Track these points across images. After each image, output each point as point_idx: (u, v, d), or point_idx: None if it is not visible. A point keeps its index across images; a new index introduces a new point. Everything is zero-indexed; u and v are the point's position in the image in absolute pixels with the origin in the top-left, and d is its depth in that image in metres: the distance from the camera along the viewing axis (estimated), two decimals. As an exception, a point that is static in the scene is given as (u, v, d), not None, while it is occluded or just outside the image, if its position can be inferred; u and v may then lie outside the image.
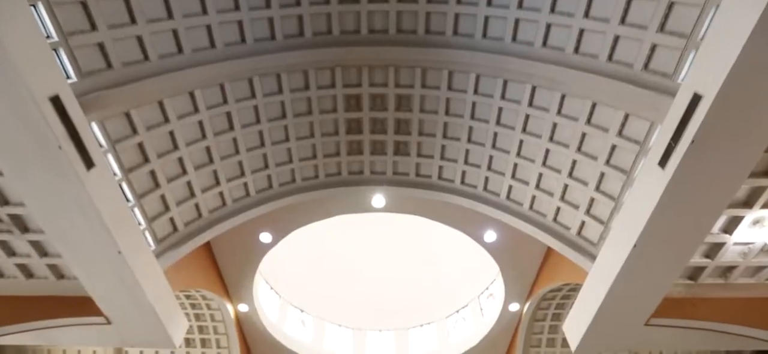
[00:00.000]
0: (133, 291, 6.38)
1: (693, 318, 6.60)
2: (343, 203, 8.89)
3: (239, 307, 11.12)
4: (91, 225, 5.30)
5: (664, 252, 5.65)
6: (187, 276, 8.67)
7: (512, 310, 11.04)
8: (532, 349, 11.59)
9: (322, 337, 13.13)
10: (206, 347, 11.75)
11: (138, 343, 7.44)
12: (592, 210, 6.91)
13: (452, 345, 12.65)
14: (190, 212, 7.38)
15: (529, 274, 10.24)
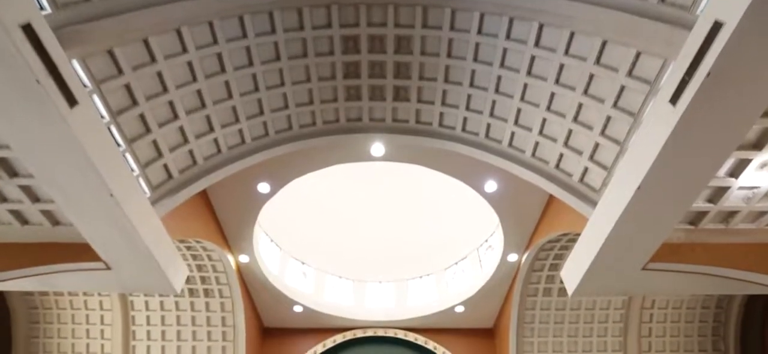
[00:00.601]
0: (130, 236, 6.32)
1: (691, 262, 6.58)
2: (341, 152, 8.70)
3: (240, 258, 11.21)
4: (80, 166, 5.13)
5: (667, 195, 5.52)
6: (186, 225, 8.64)
7: (511, 261, 11.14)
8: (529, 298, 11.80)
9: (322, 288, 13.38)
10: (209, 297, 11.97)
11: (139, 289, 7.52)
12: (596, 155, 6.73)
13: (451, 295, 12.90)
14: (184, 159, 7.21)
15: (528, 224, 10.22)
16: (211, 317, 12.21)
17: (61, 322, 12.58)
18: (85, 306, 12.41)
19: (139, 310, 12.31)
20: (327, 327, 13.29)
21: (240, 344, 12.17)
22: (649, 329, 12.46)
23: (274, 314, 13.08)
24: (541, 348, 12.32)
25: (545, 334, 12.26)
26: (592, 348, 12.40)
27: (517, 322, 11.99)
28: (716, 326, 12.49)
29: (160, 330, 12.39)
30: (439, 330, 13.32)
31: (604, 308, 12.17)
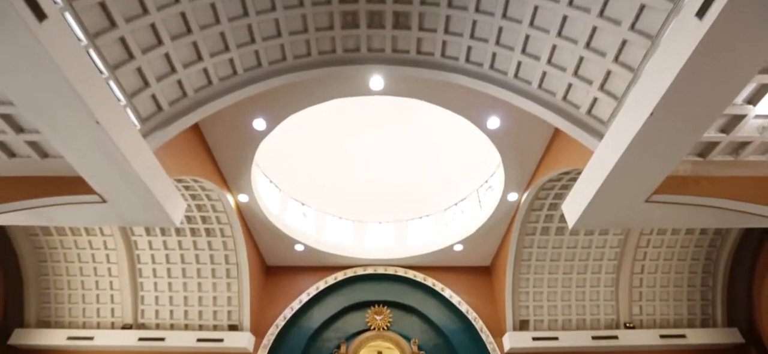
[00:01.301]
0: (123, 168, 6.09)
1: (696, 194, 6.41)
2: (338, 85, 8.25)
3: (239, 197, 11.11)
4: (59, 90, 4.78)
5: (680, 122, 5.21)
6: (182, 163, 8.39)
7: (510, 200, 11.04)
8: (527, 236, 11.85)
9: (323, 228, 13.43)
10: (211, 236, 12.02)
11: (138, 222, 7.40)
12: (607, 84, 6.34)
13: (450, 235, 12.97)
14: (173, 90, 6.81)
15: (529, 163, 9.99)
16: (215, 255, 12.35)
17: (67, 260, 12.75)
18: (90, 245, 12.52)
19: (143, 250, 12.44)
20: (328, 265, 13.50)
21: (244, 281, 12.40)
22: (642, 266, 12.65)
23: (276, 253, 13.23)
24: (536, 284, 12.58)
25: (541, 272, 12.47)
26: (586, 284, 12.66)
27: (513, 260, 12.14)
28: (707, 263, 12.67)
29: (166, 268, 12.58)
30: (438, 268, 13.54)
31: (600, 247, 12.28)
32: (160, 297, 12.78)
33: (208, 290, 12.63)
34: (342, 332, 12.92)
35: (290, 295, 13.24)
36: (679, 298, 12.88)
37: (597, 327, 12.69)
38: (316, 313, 13.07)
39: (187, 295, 12.73)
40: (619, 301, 12.77)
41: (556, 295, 12.66)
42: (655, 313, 12.87)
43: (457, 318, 13.05)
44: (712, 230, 12.13)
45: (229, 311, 12.68)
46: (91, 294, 12.92)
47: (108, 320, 13.00)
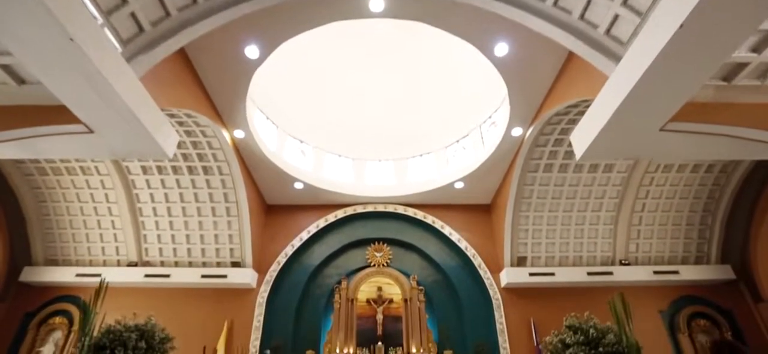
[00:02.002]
0: (106, 94, 5.66)
1: (715, 123, 6.03)
2: (335, 6, 7.56)
3: (235, 133, 10.72)
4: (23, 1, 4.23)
5: (713, 36, 4.71)
6: (171, 94, 7.91)
7: (514, 135, 10.67)
8: (529, 173, 11.63)
9: (322, 166, 13.18)
10: (209, 174, 11.79)
11: (129, 154, 7.08)
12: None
13: (451, 172, 12.75)
14: (154, 9, 6.19)
15: (537, 94, 9.49)
16: (214, 194, 12.20)
17: (67, 200, 12.62)
18: (88, 185, 12.32)
19: (142, 189, 12.26)
20: (328, 203, 13.41)
21: (244, 220, 12.36)
22: (643, 204, 12.56)
23: (276, 191, 13.08)
24: (535, 222, 12.55)
25: (541, 209, 12.40)
26: (585, 222, 12.64)
27: (514, 198, 12.01)
28: (708, 202, 12.57)
29: (166, 206, 12.49)
30: (438, 206, 13.48)
31: (603, 184, 12.11)
32: (163, 235, 12.81)
33: (210, 228, 12.63)
34: (342, 269, 13.12)
35: (291, 232, 13.28)
36: (676, 236, 12.93)
37: (593, 264, 12.85)
38: (317, 251, 13.19)
39: (189, 234, 12.75)
40: (617, 238, 12.83)
41: (555, 233, 12.69)
42: (651, 250, 12.99)
43: (455, 255, 13.19)
44: (718, 168, 11.89)
45: (232, 249, 12.77)
46: (94, 233, 12.93)
47: (114, 258, 13.12)
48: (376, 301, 12.59)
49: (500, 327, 12.07)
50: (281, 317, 12.37)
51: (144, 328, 2.52)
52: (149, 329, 2.50)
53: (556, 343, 2.53)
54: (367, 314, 12.46)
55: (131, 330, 2.45)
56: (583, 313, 12.01)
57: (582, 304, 12.75)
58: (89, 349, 2.29)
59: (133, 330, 2.46)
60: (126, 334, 2.43)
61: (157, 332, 2.56)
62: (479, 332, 12.06)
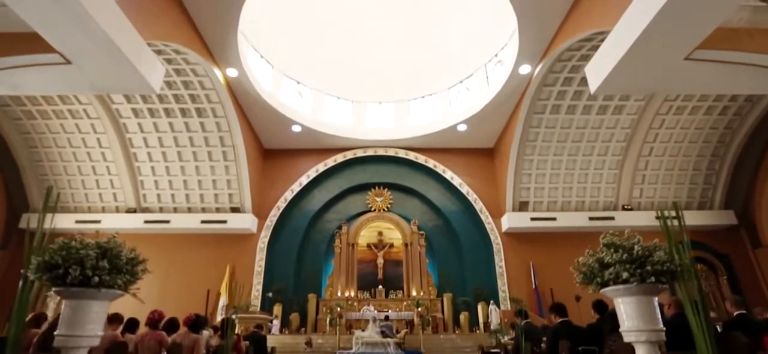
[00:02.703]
0: (79, 16, 5.12)
1: (747, 51, 5.53)
2: None
3: (228, 72, 10.16)
4: None
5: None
6: (156, 26, 7.29)
7: (522, 74, 10.11)
8: (536, 115, 11.20)
9: (320, 108, 12.70)
10: (203, 117, 11.35)
11: (111, 88, 6.63)
12: None
13: (453, 114, 12.30)
14: None
15: (549, 26, 8.83)
16: (209, 138, 11.83)
17: (58, 145, 12.26)
18: (78, 129, 11.90)
19: (135, 133, 11.86)
20: (327, 147, 13.09)
21: (242, 164, 12.08)
22: (650, 149, 12.23)
23: (273, 135, 12.70)
24: (539, 166, 12.29)
25: (546, 153, 12.09)
26: (590, 166, 12.37)
27: (519, 141, 11.66)
28: (718, 146, 12.21)
29: (161, 152, 12.16)
30: (440, 150, 13.16)
31: (611, 127, 11.70)
32: (160, 181, 12.59)
33: (207, 174, 12.38)
34: (343, 214, 13.04)
35: (290, 177, 13.07)
36: (681, 181, 12.72)
37: (595, 209, 12.74)
38: (317, 196, 13.04)
39: (187, 179, 12.53)
40: (621, 183, 12.63)
41: (559, 177, 12.46)
42: (655, 195, 12.83)
43: (457, 200, 13.06)
44: (733, 110, 11.42)
45: (230, 194, 12.60)
46: (90, 179, 12.70)
47: (112, 205, 12.99)
48: (376, 245, 12.63)
49: (499, 271, 12.18)
50: (282, 262, 12.46)
51: (106, 245, 2.22)
52: (112, 247, 2.20)
53: (592, 264, 2.27)
54: (367, 259, 12.56)
55: (90, 247, 2.15)
56: (583, 256, 12.24)
57: (582, 248, 12.80)
58: (39, 269, 2.01)
59: (93, 247, 2.16)
60: (83, 251, 2.14)
61: (123, 252, 2.26)
62: (479, 276, 12.19)
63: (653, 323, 2.08)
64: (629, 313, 2.14)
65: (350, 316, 11.15)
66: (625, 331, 2.15)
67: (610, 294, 2.32)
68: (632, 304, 2.14)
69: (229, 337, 3.89)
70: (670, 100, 11.11)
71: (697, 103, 11.19)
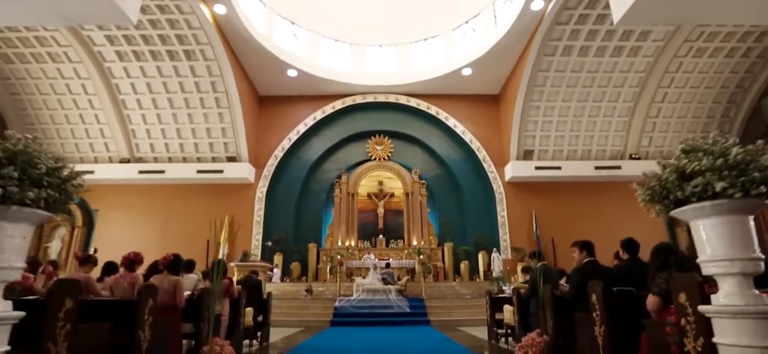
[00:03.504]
0: None
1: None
2: None
3: (215, 8, 9.29)
4: None
5: None
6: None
7: (534, 10, 9.24)
8: (546, 57, 10.42)
9: (317, 51, 11.84)
10: (192, 60, 10.56)
11: (81, 17, 5.90)
12: None
13: (458, 58, 11.48)
14: None
15: (567, -47, 7.86)
16: (200, 83, 11.07)
17: (42, 92, 11.52)
18: (60, 74, 11.12)
19: (121, 78, 11.09)
20: (325, 93, 12.35)
21: (236, 111, 11.41)
22: (664, 94, 11.54)
23: (268, 80, 11.93)
24: (546, 113, 11.64)
25: (554, 99, 11.39)
26: (599, 113, 11.72)
27: (526, 85, 10.94)
28: (736, 92, 11.53)
29: (150, 98, 11.45)
30: (443, 96, 12.44)
31: (624, 71, 10.94)
32: (152, 130, 11.95)
33: (200, 122, 11.73)
34: (342, 163, 12.54)
35: (287, 125, 12.43)
36: (693, 130, 12.10)
37: (602, 158, 12.23)
38: (315, 144, 12.48)
39: (180, 127, 11.89)
40: (631, 131, 12.03)
41: (566, 125, 11.83)
42: (664, 144, 12.26)
43: (459, 148, 12.51)
44: (757, 52, 10.60)
45: (226, 143, 12.01)
46: (79, 128, 12.05)
47: (104, 155, 12.43)
48: (377, 195, 12.23)
49: (501, 220, 11.87)
50: (281, 212, 12.11)
51: (14, 149, 1.61)
52: (25, 150, 1.60)
53: (666, 177, 1.69)
54: (367, 208, 12.19)
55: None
56: (588, 207, 11.86)
57: (586, 198, 12.53)
58: None
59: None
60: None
61: (42, 158, 1.66)
62: (480, 226, 11.90)
63: (749, 250, 1.58)
64: (716, 238, 1.62)
65: (351, 264, 10.96)
66: (708, 262, 1.65)
67: (687, 216, 1.80)
68: (722, 226, 1.63)
69: (217, 280, 3.44)
70: (691, 41, 10.27)
71: (720, 44, 10.36)
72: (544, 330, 3.47)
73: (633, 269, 3.11)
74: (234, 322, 4.06)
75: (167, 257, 3.33)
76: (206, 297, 3.43)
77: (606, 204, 11.64)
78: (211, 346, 3.27)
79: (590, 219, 11.24)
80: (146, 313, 2.70)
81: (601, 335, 2.73)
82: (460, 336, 5.94)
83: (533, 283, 3.87)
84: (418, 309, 7.96)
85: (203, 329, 3.36)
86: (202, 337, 3.34)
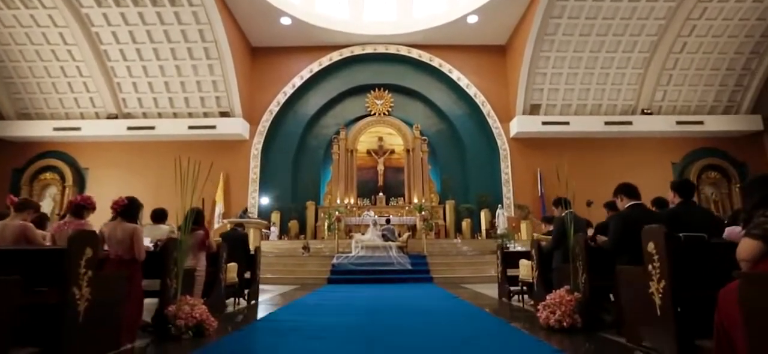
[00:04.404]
0: None
1: None
2: None
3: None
4: None
5: None
6: None
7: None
8: (559, 3, 9.46)
9: (312, 0, 10.69)
10: (176, 5, 9.60)
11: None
12: None
13: (463, 4, 10.44)
14: None
15: None
16: (187, 31, 10.11)
17: (17, 42, 10.58)
18: (36, 22, 10.17)
19: (101, 26, 10.13)
20: (321, 44, 11.36)
21: (227, 63, 10.50)
22: (684, 44, 10.59)
23: (260, 29, 10.93)
24: (556, 64, 10.73)
25: (565, 49, 10.46)
26: (613, 65, 10.81)
27: (537, 34, 9.99)
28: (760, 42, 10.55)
29: (134, 48, 10.51)
30: (447, 47, 11.48)
31: (643, 18, 9.97)
32: (139, 84, 11.06)
33: (189, 74, 10.83)
34: (341, 118, 11.75)
35: (282, 78, 11.53)
36: (710, 83, 11.23)
37: (612, 113, 11.42)
38: (312, 99, 11.62)
39: (168, 81, 10.99)
40: (644, 84, 11.15)
41: (576, 77, 10.95)
42: (678, 98, 11.42)
43: (463, 102, 11.69)
44: (788, -7, 9.53)
45: (218, 97, 11.16)
46: (61, 82, 11.15)
47: (91, 110, 11.59)
48: (376, 151, 11.52)
49: (505, 178, 11.24)
50: (278, 169, 11.45)
51: None
52: None
53: None
54: (367, 165, 11.53)
55: None
56: (595, 164, 11.18)
57: (594, 155, 11.81)
58: None
59: None
60: None
61: None
62: (483, 183, 11.29)
63: None
64: None
65: (350, 221, 10.42)
66: None
67: None
68: None
69: (185, 228, 2.81)
70: (718, -19, 9.19)
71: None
72: (575, 286, 2.88)
73: (688, 214, 2.48)
74: (213, 279, 3.47)
75: (120, 200, 2.66)
76: (172, 249, 2.80)
77: (614, 161, 10.97)
78: (179, 305, 2.68)
79: (597, 177, 10.56)
80: (83, 265, 2.07)
81: (659, 292, 2.11)
82: (467, 293, 5.43)
83: (559, 232, 3.25)
84: (420, 266, 7.47)
85: (170, 286, 2.75)
86: (168, 295, 2.74)
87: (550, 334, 2.69)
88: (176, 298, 2.75)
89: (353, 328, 2.97)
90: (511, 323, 3.04)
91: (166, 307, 2.66)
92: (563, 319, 2.69)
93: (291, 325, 3.08)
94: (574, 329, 2.68)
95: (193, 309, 2.68)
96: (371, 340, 2.61)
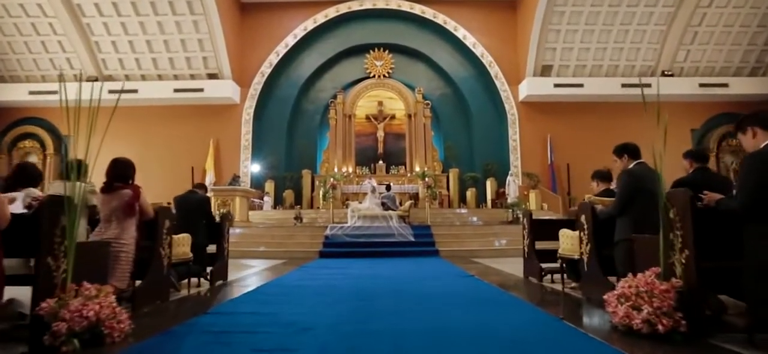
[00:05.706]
0: None
1: None
2: None
3: None
4: None
5: None
6: None
7: None
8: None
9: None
10: (150, -52, 8.10)
11: None
12: None
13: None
14: None
15: None
16: (166, -18, 8.72)
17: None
18: (0, -30, 8.68)
19: (72, -24, 8.70)
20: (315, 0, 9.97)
21: (213, 19, 9.22)
22: (702, 16, 9.19)
23: (248, -19, 9.49)
24: (571, 20, 9.48)
25: (582, 2, 9.21)
26: (633, 20, 9.60)
27: (553, -17, 8.55)
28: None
29: (110, 2, 9.14)
30: (452, 2, 10.16)
31: (671, -35, 8.51)
32: (118, 43, 9.81)
33: (173, 32, 9.56)
34: (338, 81, 10.53)
35: (274, 37, 10.24)
36: (737, 42, 9.94)
37: (630, 74, 10.18)
38: (307, 60, 10.37)
39: (150, 40, 9.73)
40: (666, 42, 9.87)
41: (593, 35, 9.66)
42: (702, 59, 10.15)
43: (469, 64, 10.43)
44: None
45: (205, 57, 9.92)
46: (34, 41, 9.89)
47: (69, 73, 10.31)
48: (376, 117, 10.35)
49: (513, 145, 10.13)
50: (272, 135, 10.33)
51: None
52: None
53: None
54: (366, 131, 10.39)
55: None
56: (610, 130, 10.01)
57: (609, 120, 10.55)
58: None
59: None
60: None
61: None
62: (489, 151, 10.19)
63: None
64: None
65: (347, 189, 9.39)
66: None
67: None
68: None
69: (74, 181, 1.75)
70: None
71: None
72: (665, 270, 1.83)
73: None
74: (150, 256, 2.44)
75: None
76: (52, 212, 1.74)
77: (630, 127, 9.73)
78: (65, 298, 1.66)
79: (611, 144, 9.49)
80: None
81: None
82: (481, 269, 4.43)
83: (630, 190, 2.20)
84: (424, 238, 6.47)
85: (50, 267, 1.70)
86: (50, 281, 1.70)
87: (636, 341, 1.66)
88: (64, 286, 1.71)
89: (333, 331, 1.93)
90: (565, 322, 2.01)
91: (42, 300, 1.63)
92: (658, 319, 1.66)
93: (244, 326, 2.01)
94: (674, 334, 1.65)
95: (86, 304, 1.65)
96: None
